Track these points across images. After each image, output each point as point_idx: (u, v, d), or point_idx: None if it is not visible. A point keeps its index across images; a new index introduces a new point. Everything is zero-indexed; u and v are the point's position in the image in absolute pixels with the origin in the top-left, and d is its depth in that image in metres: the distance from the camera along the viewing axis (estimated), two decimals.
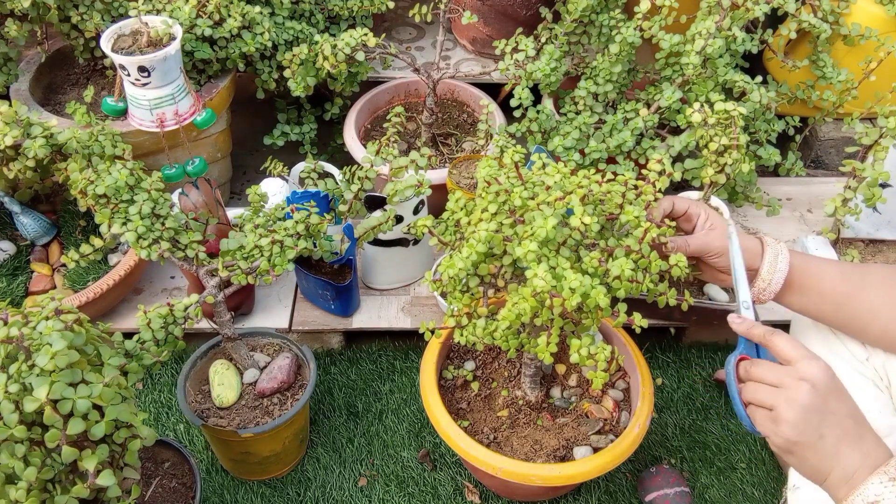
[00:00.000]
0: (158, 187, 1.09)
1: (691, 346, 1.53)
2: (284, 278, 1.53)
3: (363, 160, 1.23)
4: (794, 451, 0.75)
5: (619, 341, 1.25)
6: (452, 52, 1.96)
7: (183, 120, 1.40)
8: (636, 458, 1.34)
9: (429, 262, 1.51)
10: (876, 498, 0.69)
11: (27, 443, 0.75)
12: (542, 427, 1.17)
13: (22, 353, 0.77)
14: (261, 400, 1.22)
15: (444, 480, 1.31)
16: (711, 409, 1.43)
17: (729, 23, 1.37)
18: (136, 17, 1.34)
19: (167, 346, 0.99)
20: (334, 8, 1.70)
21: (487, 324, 0.98)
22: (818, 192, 1.75)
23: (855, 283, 0.95)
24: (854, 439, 0.74)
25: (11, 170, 1.18)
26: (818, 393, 0.74)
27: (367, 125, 1.73)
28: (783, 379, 0.77)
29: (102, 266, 1.42)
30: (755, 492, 1.31)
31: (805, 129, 1.68)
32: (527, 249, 0.84)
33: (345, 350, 1.51)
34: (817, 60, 1.55)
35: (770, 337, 0.82)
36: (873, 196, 1.30)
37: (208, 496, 1.28)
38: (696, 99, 1.45)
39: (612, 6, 1.54)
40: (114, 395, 0.78)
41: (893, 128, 1.28)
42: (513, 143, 1.10)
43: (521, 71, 1.43)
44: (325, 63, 1.43)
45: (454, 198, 1.02)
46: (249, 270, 1.07)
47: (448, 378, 1.24)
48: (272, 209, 1.14)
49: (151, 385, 1.44)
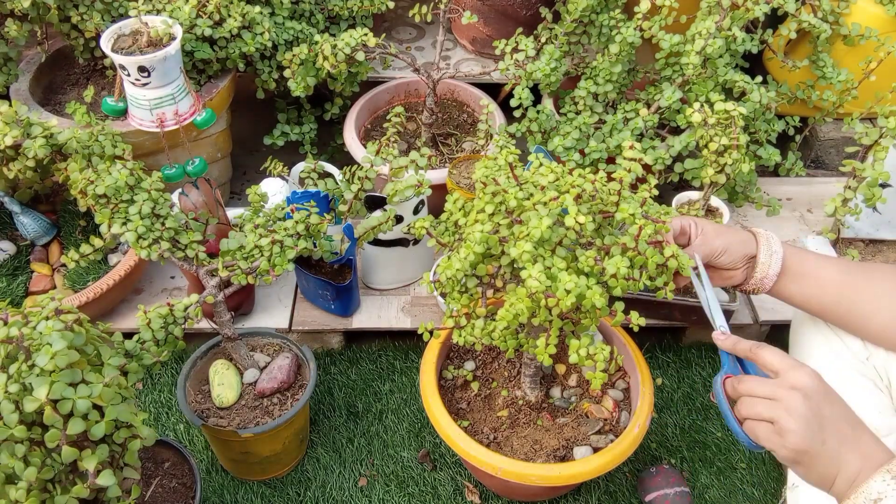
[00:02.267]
0: (158, 187, 1.09)
1: (691, 346, 1.53)
2: (284, 278, 1.53)
3: (363, 160, 1.23)
4: (802, 461, 0.75)
5: (618, 341, 1.25)
6: (452, 52, 1.96)
7: (183, 120, 1.40)
8: (636, 458, 1.35)
9: (429, 262, 1.51)
10: (879, 495, 0.70)
11: (27, 443, 0.75)
12: (542, 427, 1.17)
13: (22, 353, 0.77)
14: (261, 400, 1.22)
15: (444, 480, 1.31)
16: (711, 409, 1.43)
17: (729, 23, 1.37)
18: (136, 17, 1.34)
19: (167, 346, 0.99)
20: (334, 8, 1.70)
21: (486, 324, 0.98)
22: (818, 192, 1.75)
23: (857, 276, 0.95)
24: (852, 442, 0.74)
25: (11, 170, 1.18)
26: (812, 400, 0.75)
27: (367, 125, 1.73)
28: (775, 391, 0.77)
29: (102, 266, 1.42)
30: (755, 492, 1.31)
31: (805, 129, 1.68)
32: (522, 250, 0.84)
33: (345, 350, 1.51)
34: (817, 60, 1.55)
35: (756, 350, 0.82)
36: (873, 196, 1.30)
37: (208, 496, 1.28)
38: (696, 99, 1.45)
39: (612, 6, 1.54)
40: (114, 395, 0.78)
41: (893, 128, 1.28)
42: (512, 143, 1.10)
43: (521, 71, 1.43)
44: (325, 63, 1.43)
45: (452, 199, 1.02)
46: (249, 270, 1.07)
47: (448, 378, 1.24)
48: (272, 209, 1.14)
49: (151, 385, 1.44)
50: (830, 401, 0.76)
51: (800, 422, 0.74)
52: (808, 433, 0.74)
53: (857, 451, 0.74)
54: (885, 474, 0.71)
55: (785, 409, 0.75)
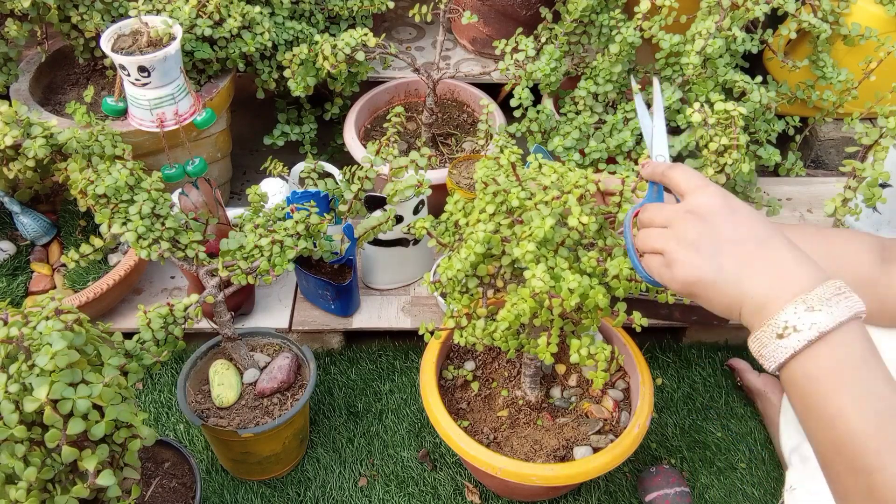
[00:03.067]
0: (158, 187, 1.09)
1: (691, 346, 1.53)
2: (284, 278, 1.53)
3: (363, 160, 1.23)
4: (697, 293, 0.64)
5: (619, 341, 1.25)
6: (452, 52, 1.96)
7: (183, 120, 1.39)
8: (636, 458, 1.34)
9: (429, 262, 1.51)
10: (786, 326, 0.58)
11: (27, 443, 0.75)
12: (542, 427, 1.17)
13: (22, 353, 0.77)
14: (261, 400, 1.22)
15: (444, 480, 1.31)
16: (711, 409, 1.43)
17: (729, 23, 1.37)
18: (136, 17, 1.34)
19: (167, 346, 0.99)
20: (334, 8, 1.70)
21: (487, 324, 0.98)
22: (818, 192, 1.75)
23: None
24: (760, 263, 0.62)
25: (11, 170, 1.18)
26: (707, 222, 0.64)
27: (367, 125, 1.73)
28: (671, 217, 0.67)
29: (102, 266, 1.42)
30: (755, 492, 1.31)
31: (805, 129, 1.68)
32: (525, 250, 0.84)
33: (345, 350, 1.51)
34: (817, 60, 1.55)
35: (668, 171, 0.71)
36: (873, 196, 1.30)
37: (208, 496, 1.28)
38: (696, 99, 1.45)
39: (612, 6, 1.54)
40: (114, 395, 0.78)
41: (893, 128, 1.28)
42: (512, 143, 1.10)
43: (521, 71, 1.43)
44: (325, 63, 1.43)
45: (452, 199, 1.02)
46: (249, 270, 1.07)
47: (448, 378, 1.24)
48: (272, 209, 1.14)
49: (151, 385, 1.44)
50: (735, 220, 0.64)
51: (689, 250, 0.64)
52: (697, 261, 0.63)
53: (765, 274, 0.61)
54: (800, 304, 0.58)
55: (674, 238, 0.66)
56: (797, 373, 0.58)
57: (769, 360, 0.60)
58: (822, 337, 0.57)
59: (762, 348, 0.60)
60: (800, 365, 0.58)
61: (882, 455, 0.53)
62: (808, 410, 0.58)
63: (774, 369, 0.60)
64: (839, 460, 0.56)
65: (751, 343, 0.62)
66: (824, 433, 0.57)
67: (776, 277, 0.60)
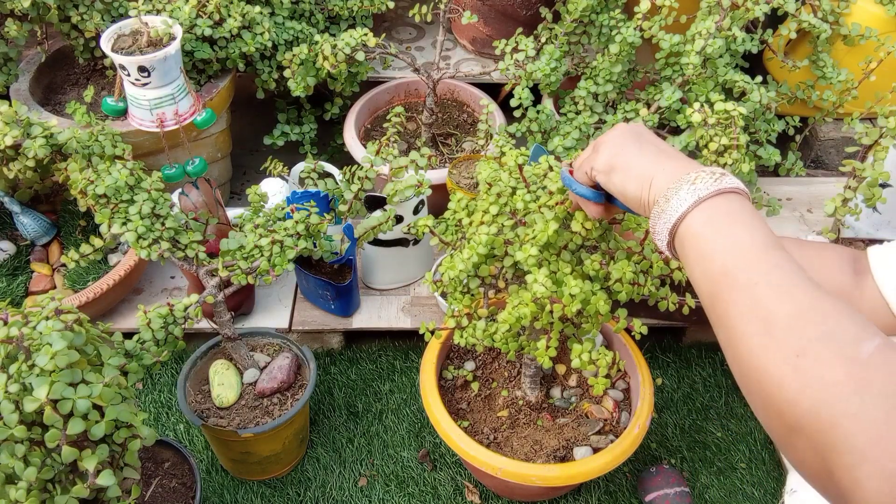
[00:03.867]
0: (158, 187, 1.09)
1: (691, 346, 1.53)
2: (284, 278, 1.53)
3: (363, 160, 1.23)
4: (616, 166, 0.71)
5: (619, 342, 1.25)
6: (452, 52, 1.96)
7: (183, 120, 1.39)
8: (636, 458, 1.34)
9: (429, 262, 1.51)
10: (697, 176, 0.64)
11: (27, 443, 0.75)
12: (542, 427, 1.17)
13: (22, 353, 0.77)
14: (261, 400, 1.22)
15: (444, 480, 1.31)
16: (711, 409, 1.43)
17: (729, 23, 1.37)
18: (136, 17, 1.34)
19: (167, 346, 0.99)
20: (334, 8, 1.70)
21: (487, 325, 0.98)
22: (818, 192, 1.75)
23: None
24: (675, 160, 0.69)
25: (11, 170, 1.18)
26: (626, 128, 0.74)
27: (367, 125, 1.73)
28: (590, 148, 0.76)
29: (102, 266, 1.42)
30: (755, 492, 1.31)
31: (805, 129, 1.68)
32: (527, 254, 0.84)
33: (345, 350, 1.51)
34: (817, 60, 1.55)
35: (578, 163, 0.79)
36: (873, 196, 1.30)
37: (208, 496, 1.28)
38: (696, 99, 1.45)
39: (612, 6, 1.54)
40: (114, 395, 0.78)
41: (893, 128, 1.28)
42: (512, 143, 1.10)
43: (521, 71, 1.43)
44: (325, 63, 1.43)
45: (456, 198, 1.02)
46: (249, 270, 1.07)
47: (448, 378, 1.24)
48: (272, 209, 1.14)
49: (151, 385, 1.44)
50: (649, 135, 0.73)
51: (613, 135, 0.73)
52: (620, 141, 0.72)
53: (679, 163, 0.68)
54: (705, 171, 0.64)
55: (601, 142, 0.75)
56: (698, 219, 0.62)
57: (673, 212, 0.64)
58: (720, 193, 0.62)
59: (666, 203, 0.65)
60: (701, 210, 0.62)
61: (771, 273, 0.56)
62: (702, 257, 0.61)
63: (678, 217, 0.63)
64: (725, 281, 0.59)
65: (655, 210, 0.66)
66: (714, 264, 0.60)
67: (687, 165, 0.67)
